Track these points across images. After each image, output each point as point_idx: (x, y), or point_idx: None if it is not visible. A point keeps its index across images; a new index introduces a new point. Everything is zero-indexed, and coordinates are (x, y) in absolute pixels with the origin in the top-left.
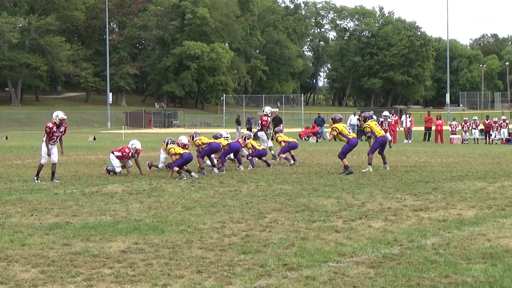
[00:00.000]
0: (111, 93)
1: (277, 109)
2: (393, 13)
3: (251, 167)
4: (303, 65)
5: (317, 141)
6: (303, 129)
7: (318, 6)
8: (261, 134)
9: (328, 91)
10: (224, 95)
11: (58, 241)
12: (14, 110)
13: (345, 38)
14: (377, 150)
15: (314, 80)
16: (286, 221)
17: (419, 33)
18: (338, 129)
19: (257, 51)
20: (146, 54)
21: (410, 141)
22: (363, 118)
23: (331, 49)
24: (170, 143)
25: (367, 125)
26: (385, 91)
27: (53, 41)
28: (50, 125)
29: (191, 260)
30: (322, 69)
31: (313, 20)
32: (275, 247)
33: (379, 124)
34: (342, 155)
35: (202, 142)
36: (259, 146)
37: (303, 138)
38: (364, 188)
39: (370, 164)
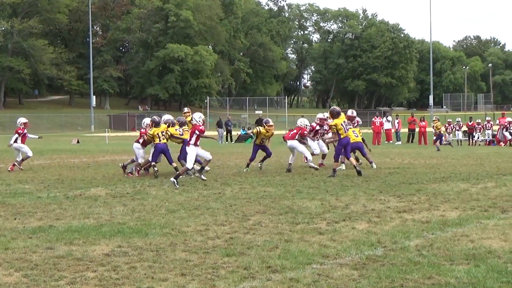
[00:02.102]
0: (94, 96)
1: (261, 112)
2: (376, 15)
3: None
4: (287, 67)
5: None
6: (287, 131)
7: (302, 8)
8: (310, 142)
9: (312, 93)
10: (208, 98)
11: (42, 245)
12: None
13: (329, 40)
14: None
15: (298, 83)
16: (270, 223)
17: (402, 35)
18: (336, 126)
19: (241, 54)
20: (130, 57)
21: (400, 143)
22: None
23: (315, 51)
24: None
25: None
26: (369, 93)
27: (36, 44)
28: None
29: (175, 263)
30: (306, 71)
31: (297, 23)
32: (259, 249)
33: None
34: (337, 156)
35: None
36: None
37: (287, 141)
38: (348, 190)
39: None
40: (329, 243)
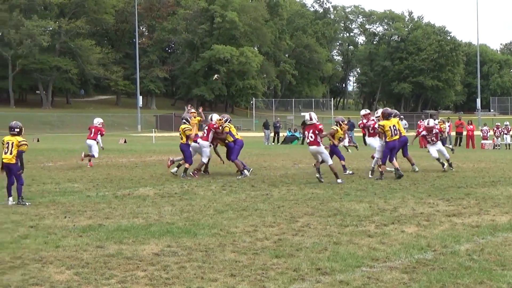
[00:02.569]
0: (141, 96)
1: (307, 113)
2: (422, 17)
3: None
4: (333, 69)
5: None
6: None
7: (347, 10)
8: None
9: (357, 95)
10: (253, 99)
11: (92, 243)
12: (45, 113)
13: (374, 42)
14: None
15: (344, 85)
16: (318, 225)
17: (449, 37)
18: (384, 128)
19: (286, 55)
20: (176, 58)
21: (450, 146)
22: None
23: (360, 54)
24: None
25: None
26: (415, 95)
27: (83, 44)
28: None
29: (224, 263)
30: (352, 74)
31: (342, 24)
32: (308, 251)
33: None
34: (385, 159)
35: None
36: (237, 135)
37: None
38: (396, 193)
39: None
40: (378, 246)
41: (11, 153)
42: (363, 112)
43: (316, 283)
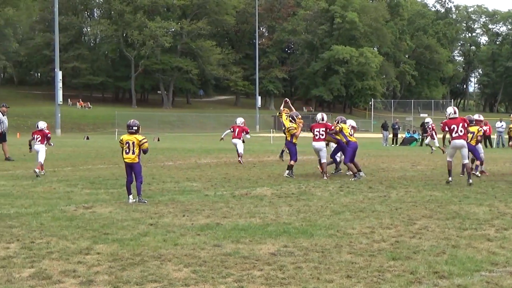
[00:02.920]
0: (260, 97)
1: (426, 115)
2: None
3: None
4: (453, 70)
5: None
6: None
7: (470, 10)
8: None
9: (478, 97)
10: (372, 100)
11: (209, 242)
12: (165, 113)
13: (497, 42)
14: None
15: (465, 86)
16: (436, 228)
17: None
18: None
19: (406, 56)
20: (295, 58)
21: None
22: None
23: (483, 54)
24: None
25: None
26: None
27: (204, 45)
28: None
29: (341, 264)
30: (473, 74)
31: (464, 25)
32: (426, 254)
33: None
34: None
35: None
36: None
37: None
38: None
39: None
40: (498, 251)
41: (133, 153)
42: (476, 117)
43: (434, 287)
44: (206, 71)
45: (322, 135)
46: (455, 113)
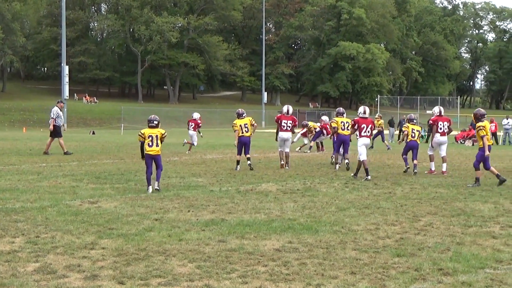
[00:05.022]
0: (266, 92)
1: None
2: None
3: None
4: (460, 67)
5: (473, 144)
6: (459, 132)
7: (477, 7)
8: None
9: (485, 94)
10: (378, 96)
11: (214, 237)
12: (172, 108)
13: (505, 39)
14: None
15: (471, 82)
16: (441, 225)
17: None
18: (485, 129)
19: (413, 52)
20: (301, 54)
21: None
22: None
23: (490, 51)
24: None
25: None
26: None
27: (211, 41)
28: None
29: (345, 261)
30: (480, 71)
31: (472, 21)
32: (430, 251)
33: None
34: (477, 163)
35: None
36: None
37: (459, 141)
38: None
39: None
40: (503, 248)
41: (157, 145)
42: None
43: (438, 284)
44: (212, 67)
45: (290, 126)
46: (364, 113)
